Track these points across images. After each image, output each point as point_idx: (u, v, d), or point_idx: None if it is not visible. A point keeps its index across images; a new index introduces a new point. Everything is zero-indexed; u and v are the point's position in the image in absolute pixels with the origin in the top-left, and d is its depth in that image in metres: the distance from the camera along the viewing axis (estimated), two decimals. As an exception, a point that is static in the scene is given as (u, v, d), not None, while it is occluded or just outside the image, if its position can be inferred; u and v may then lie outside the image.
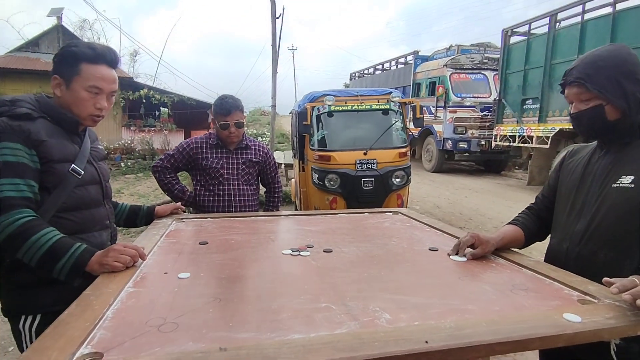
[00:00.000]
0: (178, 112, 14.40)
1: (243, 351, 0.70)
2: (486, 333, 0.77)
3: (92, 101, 1.25)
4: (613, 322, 0.82)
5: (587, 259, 1.13)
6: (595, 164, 1.19)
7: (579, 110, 1.15)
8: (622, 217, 1.07)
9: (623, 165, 1.11)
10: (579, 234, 1.16)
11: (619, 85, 1.07)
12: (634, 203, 1.05)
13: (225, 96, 2.06)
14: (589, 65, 1.11)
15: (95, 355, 0.70)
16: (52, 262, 1.09)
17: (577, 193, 1.21)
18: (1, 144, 1.11)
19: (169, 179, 2.12)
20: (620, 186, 1.09)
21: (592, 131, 1.17)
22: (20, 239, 1.07)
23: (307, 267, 1.22)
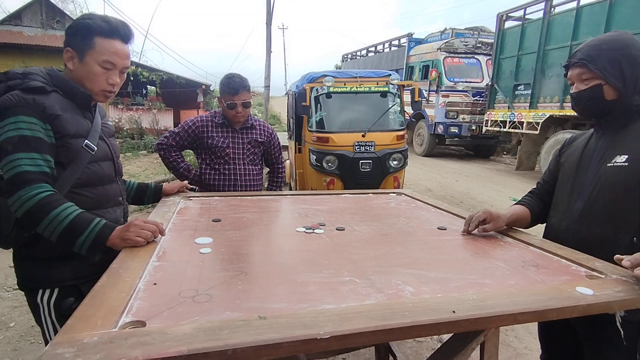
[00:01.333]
0: (167, 90, 14.06)
1: (282, 319, 0.73)
2: (508, 304, 0.82)
3: (104, 76, 1.22)
4: (623, 295, 0.88)
5: (585, 235, 1.20)
6: (592, 146, 1.25)
7: (579, 90, 1.20)
8: (616, 194, 1.14)
9: (618, 145, 1.17)
10: (577, 212, 1.23)
11: (619, 66, 1.13)
12: (628, 181, 1.11)
13: (232, 75, 2.04)
14: (592, 48, 1.17)
15: (138, 323, 0.72)
16: (73, 236, 1.09)
17: (576, 175, 1.27)
18: (16, 117, 1.08)
19: (174, 157, 2.10)
20: (615, 165, 1.15)
21: (590, 110, 1.23)
22: (40, 214, 1.06)
23: (323, 244, 1.25)
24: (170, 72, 13.73)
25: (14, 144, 1.07)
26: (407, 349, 2.29)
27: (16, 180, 1.06)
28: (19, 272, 1.23)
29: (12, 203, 1.06)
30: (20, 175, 1.07)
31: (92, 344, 0.63)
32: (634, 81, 1.13)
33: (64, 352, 0.60)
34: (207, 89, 15.66)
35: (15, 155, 1.07)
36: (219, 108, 2.19)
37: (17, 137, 1.07)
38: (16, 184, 1.06)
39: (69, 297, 1.19)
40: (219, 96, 2.10)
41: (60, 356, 0.59)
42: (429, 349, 2.30)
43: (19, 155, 1.07)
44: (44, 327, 1.22)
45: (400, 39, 13.52)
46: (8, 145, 1.07)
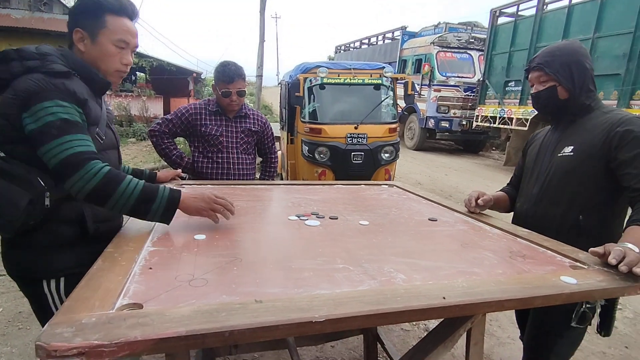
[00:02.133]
0: (157, 77, 13.83)
1: (278, 303, 0.75)
2: (496, 291, 0.85)
3: (118, 56, 1.18)
4: (604, 284, 0.92)
5: (541, 215, 1.41)
6: (548, 139, 1.46)
7: (538, 91, 1.40)
8: (564, 180, 1.35)
9: (567, 138, 1.37)
10: (534, 196, 1.44)
11: (569, 70, 1.32)
12: (572, 167, 1.32)
13: (227, 63, 2.02)
14: (548, 54, 1.36)
15: (135, 305, 0.73)
16: (148, 204, 1.10)
17: (535, 164, 1.48)
18: (52, 101, 1.03)
19: (167, 144, 2.09)
20: (564, 155, 1.36)
21: (547, 107, 1.42)
22: (110, 188, 1.05)
23: (317, 232, 1.27)
24: (160, 59, 13.50)
25: (58, 127, 1.02)
26: (394, 337, 2.34)
27: (73, 161, 1.02)
28: (13, 261, 1.15)
29: (74, 184, 1.03)
30: (77, 155, 1.03)
31: (91, 324, 0.64)
32: (581, 83, 1.32)
33: (63, 331, 0.61)
34: (198, 77, 15.45)
35: (64, 137, 1.03)
36: (212, 96, 2.18)
37: (59, 120, 1.03)
38: (74, 164, 1.03)
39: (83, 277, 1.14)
40: (214, 84, 2.08)
41: (59, 335, 0.60)
42: (416, 337, 2.35)
43: (67, 138, 1.03)
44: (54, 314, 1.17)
45: (394, 31, 13.49)
46: (52, 129, 1.02)
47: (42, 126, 1.01)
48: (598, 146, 1.27)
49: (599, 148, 1.26)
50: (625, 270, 0.93)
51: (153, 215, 1.12)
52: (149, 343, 0.62)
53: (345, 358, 2.14)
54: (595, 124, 1.31)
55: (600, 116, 1.32)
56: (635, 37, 5.59)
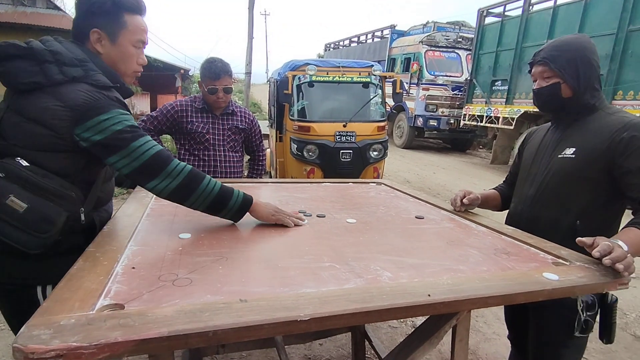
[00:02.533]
0: (143, 73, 13.56)
1: (263, 302, 0.74)
2: (480, 288, 0.86)
3: (136, 56, 1.17)
4: (585, 280, 0.94)
5: (535, 217, 1.35)
6: (548, 138, 1.38)
7: (541, 87, 1.32)
8: (563, 182, 1.28)
9: (568, 139, 1.30)
10: (530, 197, 1.37)
11: (575, 67, 1.24)
12: (573, 170, 1.25)
13: (214, 59, 2.00)
14: (554, 48, 1.27)
15: (116, 306, 0.72)
16: (224, 202, 1.17)
17: (532, 164, 1.41)
18: (114, 111, 1.03)
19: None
20: (564, 157, 1.28)
21: (548, 105, 1.34)
22: (193, 185, 1.10)
23: (303, 230, 1.26)
24: (147, 55, 13.27)
25: (130, 132, 1.04)
26: (382, 334, 2.36)
27: (156, 161, 1.05)
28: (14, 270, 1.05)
29: (159, 182, 1.06)
30: (159, 154, 1.06)
31: (70, 325, 0.62)
32: (586, 81, 1.24)
33: (40, 333, 0.60)
34: (185, 74, 15.26)
35: (139, 140, 1.04)
36: (199, 93, 2.15)
37: (128, 127, 1.04)
38: (158, 163, 1.06)
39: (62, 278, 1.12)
40: (200, 80, 2.06)
41: (36, 337, 0.58)
42: (403, 334, 2.37)
43: (142, 140, 1.05)
44: None
45: (383, 30, 13.53)
46: (125, 134, 1.02)
47: (112, 134, 1.01)
48: (601, 150, 1.20)
49: (602, 152, 1.19)
50: (608, 264, 0.95)
51: (226, 213, 1.20)
52: (130, 344, 0.60)
53: (334, 356, 2.15)
54: (600, 126, 1.24)
55: (605, 117, 1.25)
56: (618, 38, 5.72)
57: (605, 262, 0.96)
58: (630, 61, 5.63)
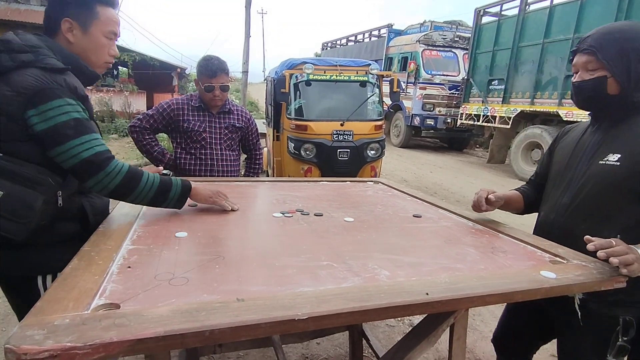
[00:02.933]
0: (139, 72, 13.54)
1: (260, 301, 0.73)
2: (478, 287, 0.86)
3: (107, 47, 1.18)
4: (582, 278, 0.94)
5: (570, 229, 1.18)
6: (587, 140, 1.22)
7: (583, 80, 1.15)
8: (604, 192, 1.12)
9: (612, 142, 1.14)
10: (564, 206, 1.21)
11: (627, 60, 1.07)
12: (617, 180, 1.09)
13: (210, 57, 1.98)
14: (604, 35, 1.11)
15: (112, 305, 0.71)
16: (165, 194, 1.22)
17: (566, 168, 1.24)
18: (61, 100, 1.01)
19: (148, 140, 2.04)
20: (607, 163, 1.12)
21: (590, 102, 1.18)
22: (133, 183, 1.13)
23: (301, 229, 1.26)
24: (143, 53, 13.21)
25: (73, 127, 1.03)
26: (379, 333, 2.36)
27: (96, 160, 1.06)
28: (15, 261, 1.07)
29: (99, 181, 1.07)
30: (99, 154, 1.07)
31: (64, 326, 0.62)
32: (637, 76, 1.08)
33: (34, 334, 0.59)
34: (182, 72, 15.20)
35: (81, 138, 1.04)
36: (195, 91, 2.14)
37: (72, 120, 1.03)
38: (97, 163, 1.06)
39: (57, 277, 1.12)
40: (196, 78, 2.04)
41: (29, 338, 0.57)
42: (401, 332, 2.37)
43: (85, 138, 1.05)
44: None
45: (380, 29, 13.53)
46: (67, 129, 1.02)
47: (54, 126, 1.00)
48: None
49: None
50: (603, 257, 0.93)
51: (168, 203, 1.24)
52: (125, 344, 0.60)
53: (331, 355, 2.14)
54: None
55: None
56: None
57: (599, 255, 0.94)
58: None
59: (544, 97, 7.06)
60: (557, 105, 6.72)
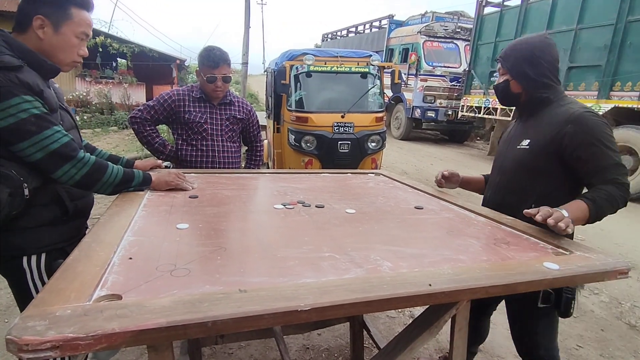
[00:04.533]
0: (138, 64, 13.42)
1: (262, 292, 0.73)
2: (481, 278, 0.85)
3: (77, 47, 1.21)
4: (585, 270, 0.94)
5: (500, 203, 1.49)
6: (512, 131, 1.53)
7: (497, 82, 1.48)
8: (520, 171, 1.41)
9: (526, 131, 1.43)
10: (496, 185, 1.53)
11: (522, 67, 1.37)
12: (528, 161, 1.38)
13: (212, 48, 1.96)
14: (509, 48, 1.44)
15: (113, 297, 0.70)
16: (127, 184, 1.33)
17: (498, 155, 1.57)
18: (18, 97, 1.04)
19: (149, 131, 2.02)
20: (521, 148, 1.41)
21: (505, 99, 1.50)
22: (98, 174, 1.22)
23: (302, 221, 1.25)
24: (142, 45, 13.09)
25: (34, 123, 1.07)
26: (380, 324, 2.37)
27: (62, 153, 1.12)
28: None
29: (65, 172, 1.13)
30: (65, 146, 1.13)
31: (66, 316, 0.61)
32: (535, 77, 1.36)
33: (36, 324, 0.58)
34: (181, 64, 15.08)
35: (44, 133, 1.09)
36: (196, 82, 2.12)
37: (32, 116, 1.06)
38: (63, 155, 1.12)
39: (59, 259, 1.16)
40: (198, 69, 2.02)
41: (31, 329, 0.57)
42: (401, 324, 2.39)
43: (47, 132, 1.09)
44: (30, 291, 1.18)
45: (381, 20, 13.39)
46: (28, 125, 1.05)
47: (14, 123, 1.04)
48: (548, 142, 1.32)
49: (549, 143, 1.31)
50: (552, 224, 1.06)
51: (129, 189, 1.36)
52: (127, 335, 0.59)
53: (332, 345, 2.16)
54: (550, 118, 1.35)
55: (556, 109, 1.35)
56: (617, 28, 5.68)
57: (549, 223, 1.06)
58: (629, 52, 5.60)
59: (546, 89, 7.01)
60: (559, 97, 6.68)
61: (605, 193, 1.20)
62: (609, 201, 1.19)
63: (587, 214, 1.17)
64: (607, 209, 1.19)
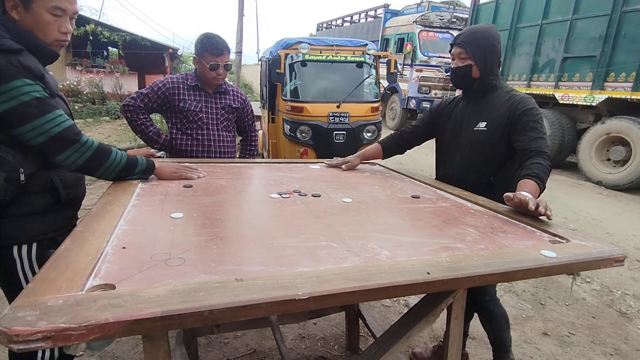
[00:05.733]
0: (130, 52, 13.19)
1: (259, 281, 0.72)
2: (479, 266, 0.85)
3: (56, 24, 1.13)
4: (582, 257, 0.94)
5: (463, 178, 1.63)
6: (461, 112, 1.66)
7: (457, 66, 1.58)
8: (480, 149, 1.57)
9: (479, 113, 1.59)
10: (457, 163, 1.65)
11: (484, 52, 1.53)
12: (485, 140, 1.55)
13: (213, 35, 1.92)
14: (471, 34, 1.55)
15: (107, 286, 0.69)
16: (131, 169, 1.33)
17: (452, 134, 1.68)
18: (20, 80, 1.02)
19: (143, 119, 1.98)
20: (479, 129, 1.57)
21: (461, 83, 1.62)
22: (102, 158, 1.21)
23: (299, 210, 1.24)
24: (134, 33, 12.84)
25: (36, 106, 1.05)
26: (375, 313, 2.38)
27: (65, 136, 1.11)
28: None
29: (68, 157, 1.13)
30: (67, 130, 1.11)
31: (57, 306, 0.60)
32: (490, 65, 1.54)
33: (26, 315, 0.57)
34: (174, 53, 14.84)
35: (46, 116, 1.07)
36: (190, 70, 2.08)
37: (34, 100, 1.05)
38: (66, 139, 1.11)
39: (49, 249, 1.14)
40: (196, 56, 1.97)
41: (21, 319, 0.56)
42: (397, 313, 2.40)
43: (50, 116, 1.08)
44: (20, 281, 1.15)
45: (377, 9, 13.26)
46: (30, 108, 1.04)
47: (17, 106, 1.02)
48: (504, 122, 1.51)
49: (504, 124, 1.51)
50: (543, 212, 1.13)
51: (132, 175, 1.35)
52: (121, 325, 0.58)
53: (328, 334, 2.17)
54: (501, 102, 1.54)
55: (504, 96, 1.55)
56: (612, 19, 5.67)
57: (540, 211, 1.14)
58: (624, 43, 5.60)
59: (541, 79, 7.00)
60: (554, 87, 6.67)
61: (541, 165, 1.35)
62: (545, 172, 1.34)
63: (538, 189, 1.30)
64: (545, 179, 1.34)
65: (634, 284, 2.88)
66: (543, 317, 2.46)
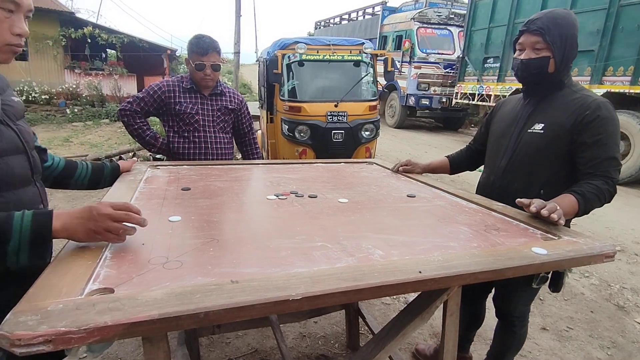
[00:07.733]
0: (128, 54, 13.19)
1: (254, 283, 0.74)
2: (470, 264, 0.87)
3: (7, 23, 0.86)
4: (572, 254, 0.96)
5: (506, 188, 1.45)
6: (519, 112, 1.45)
7: (530, 58, 1.31)
8: (531, 155, 1.37)
9: (538, 114, 1.38)
10: (501, 168, 1.47)
11: (565, 44, 1.27)
12: (541, 145, 1.34)
13: (202, 35, 1.93)
14: (550, 20, 1.27)
15: (106, 290, 0.71)
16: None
17: (503, 137, 1.48)
18: None
19: (139, 124, 2.00)
20: (534, 132, 1.37)
21: (532, 78, 1.35)
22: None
23: (295, 211, 1.26)
24: (131, 35, 12.84)
25: None
26: (375, 311, 2.40)
27: None
28: None
29: None
30: None
31: (58, 311, 0.62)
32: (567, 59, 1.30)
33: (27, 319, 0.59)
34: (172, 54, 14.84)
35: None
36: (186, 73, 2.09)
37: None
38: None
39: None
40: (187, 57, 1.99)
41: (23, 324, 0.57)
42: (396, 310, 2.42)
43: None
44: None
45: (374, 7, 13.23)
46: None
47: None
48: (567, 128, 1.29)
49: (567, 130, 1.29)
50: (546, 215, 1.08)
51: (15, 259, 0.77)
52: (120, 328, 0.60)
53: (328, 332, 2.19)
54: (566, 103, 1.31)
55: (571, 95, 1.32)
56: (609, 13, 5.66)
57: (542, 213, 1.08)
58: (621, 36, 5.60)
59: (539, 74, 7.01)
60: (552, 82, 6.68)
61: (594, 187, 1.20)
62: (597, 196, 1.20)
63: (576, 208, 1.18)
64: (594, 202, 1.20)
65: (632, 277, 2.90)
66: (542, 312, 2.48)
